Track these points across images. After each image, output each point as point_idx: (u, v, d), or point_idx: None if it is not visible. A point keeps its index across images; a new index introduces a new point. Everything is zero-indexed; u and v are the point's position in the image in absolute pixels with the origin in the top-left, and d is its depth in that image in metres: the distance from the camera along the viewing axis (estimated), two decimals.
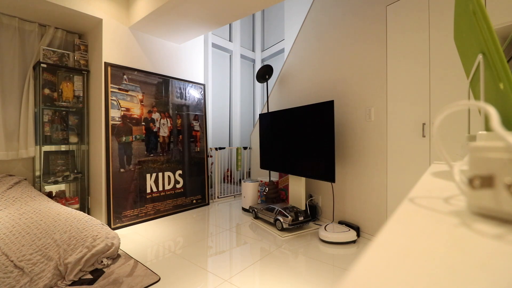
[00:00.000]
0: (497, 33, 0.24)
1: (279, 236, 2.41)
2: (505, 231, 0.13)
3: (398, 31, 2.15)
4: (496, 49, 0.23)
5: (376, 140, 2.33)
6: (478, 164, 0.15)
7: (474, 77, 0.34)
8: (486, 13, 0.24)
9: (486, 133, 0.24)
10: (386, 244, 0.12)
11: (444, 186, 0.21)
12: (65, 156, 2.83)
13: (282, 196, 3.24)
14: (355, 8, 2.52)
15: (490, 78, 0.26)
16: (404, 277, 0.09)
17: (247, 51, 5.58)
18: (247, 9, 2.44)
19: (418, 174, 2.05)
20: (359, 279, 0.09)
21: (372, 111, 2.36)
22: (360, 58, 2.48)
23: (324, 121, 2.39)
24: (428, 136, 1.95)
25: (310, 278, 1.73)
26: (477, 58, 0.28)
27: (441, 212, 0.16)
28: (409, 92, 2.08)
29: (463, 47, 0.41)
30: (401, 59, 2.13)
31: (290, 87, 3.35)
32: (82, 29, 2.86)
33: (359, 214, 2.45)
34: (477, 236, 0.13)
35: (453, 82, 1.80)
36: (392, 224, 0.14)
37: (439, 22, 1.88)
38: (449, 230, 0.14)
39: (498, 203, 0.14)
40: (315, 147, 2.49)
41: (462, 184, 0.17)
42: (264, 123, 3.29)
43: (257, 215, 2.89)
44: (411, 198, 0.19)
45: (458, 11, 0.38)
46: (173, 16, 2.57)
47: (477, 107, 0.19)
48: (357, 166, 2.50)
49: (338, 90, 2.68)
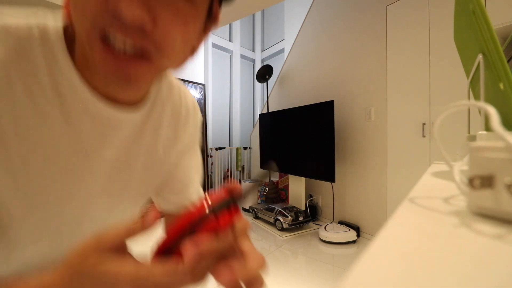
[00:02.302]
0: (497, 33, 0.24)
1: (279, 236, 2.41)
2: (505, 231, 0.13)
3: (398, 31, 2.15)
4: (496, 49, 0.23)
5: (376, 140, 2.33)
6: (478, 164, 0.15)
7: (474, 77, 0.34)
8: (486, 13, 0.24)
9: (486, 133, 0.24)
10: (386, 244, 0.12)
11: (444, 186, 0.21)
12: None
13: (282, 196, 3.24)
14: (355, 8, 2.52)
15: (490, 78, 0.26)
16: (404, 277, 0.09)
17: (247, 51, 5.58)
18: (247, 9, 2.44)
19: (418, 174, 2.05)
20: (359, 279, 0.09)
21: (372, 111, 2.36)
22: (360, 58, 2.48)
23: (324, 121, 2.39)
24: (428, 136, 1.95)
25: (310, 278, 1.73)
26: (477, 58, 0.28)
27: (441, 212, 0.16)
28: (409, 92, 2.08)
29: (463, 47, 0.41)
30: (401, 59, 2.13)
31: (290, 87, 3.35)
32: None
33: (359, 214, 2.45)
34: (477, 236, 0.13)
35: (453, 82, 1.80)
36: (392, 224, 0.14)
37: (439, 23, 1.88)
38: (449, 230, 0.14)
39: (498, 203, 0.14)
40: (315, 147, 2.49)
41: (462, 184, 0.17)
42: (264, 123, 3.29)
43: (257, 215, 2.89)
44: (411, 198, 0.19)
45: (458, 11, 0.38)
46: None
47: (477, 107, 0.19)
48: (357, 166, 2.50)
49: (338, 90, 2.68)
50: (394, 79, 2.18)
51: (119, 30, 0.22)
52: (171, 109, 0.39)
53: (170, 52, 0.25)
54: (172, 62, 0.27)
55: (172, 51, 0.25)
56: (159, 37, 0.24)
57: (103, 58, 0.23)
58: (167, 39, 0.24)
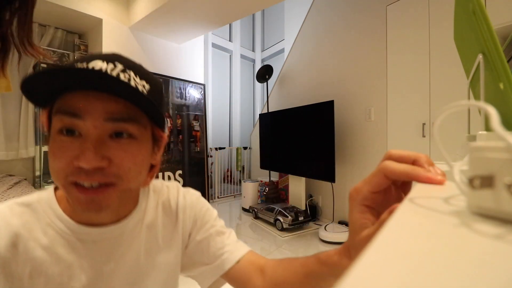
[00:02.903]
0: (497, 33, 0.24)
1: (279, 236, 2.41)
2: (505, 231, 0.13)
3: (398, 31, 2.15)
4: (496, 49, 0.23)
5: (376, 140, 2.33)
6: (478, 164, 0.15)
7: (474, 77, 0.34)
8: (486, 13, 0.24)
9: (486, 133, 0.24)
10: (386, 244, 0.12)
11: (444, 186, 0.21)
12: None
13: (282, 196, 3.24)
14: (355, 8, 2.52)
15: (490, 78, 0.26)
16: (404, 277, 0.09)
17: (247, 51, 5.58)
18: (247, 9, 2.44)
19: None
20: (359, 279, 0.09)
21: (372, 111, 2.36)
22: (360, 58, 2.48)
23: (324, 121, 2.39)
24: (428, 136, 1.95)
25: None
26: (477, 58, 0.28)
27: (441, 212, 0.16)
28: (409, 92, 2.08)
29: (463, 47, 0.41)
30: (401, 59, 2.13)
31: (290, 87, 3.35)
32: (82, 29, 2.86)
33: None
34: (477, 236, 0.13)
35: (453, 82, 1.81)
36: (391, 224, 0.14)
37: (439, 23, 1.88)
38: (449, 230, 0.14)
39: (498, 203, 0.14)
40: (315, 147, 2.49)
41: (462, 184, 0.17)
42: (264, 123, 3.29)
43: (257, 215, 2.89)
44: (411, 198, 0.19)
45: (457, 11, 0.38)
46: (173, 16, 2.57)
47: (477, 107, 0.19)
48: (357, 166, 2.50)
49: (338, 90, 2.68)
50: (394, 79, 2.18)
51: (85, 178, 0.31)
52: (162, 207, 0.47)
53: (128, 177, 0.34)
54: (133, 182, 0.35)
55: (129, 175, 0.34)
56: (115, 170, 0.33)
57: (77, 196, 0.32)
58: (122, 169, 0.33)
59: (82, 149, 0.31)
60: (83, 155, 0.31)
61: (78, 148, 0.31)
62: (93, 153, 0.31)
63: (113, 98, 0.33)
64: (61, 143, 0.32)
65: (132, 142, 0.34)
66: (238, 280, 0.44)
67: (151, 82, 0.37)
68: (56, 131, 0.32)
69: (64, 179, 0.32)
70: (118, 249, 0.40)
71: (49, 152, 0.33)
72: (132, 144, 0.34)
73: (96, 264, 0.38)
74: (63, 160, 0.31)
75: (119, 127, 0.33)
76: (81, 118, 0.32)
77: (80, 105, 0.32)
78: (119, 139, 0.34)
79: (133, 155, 0.34)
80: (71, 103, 0.32)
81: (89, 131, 0.32)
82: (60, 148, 0.32)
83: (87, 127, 0.32)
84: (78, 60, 0.34)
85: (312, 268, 0.35)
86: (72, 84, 0.32)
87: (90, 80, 0.31)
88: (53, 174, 0.33)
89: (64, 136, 0.32)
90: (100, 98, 0.32)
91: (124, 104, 0.33)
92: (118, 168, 0.33)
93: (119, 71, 0.34)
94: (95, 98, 0.32)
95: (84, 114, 0.32)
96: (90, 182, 0.32)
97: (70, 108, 0.32)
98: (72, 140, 0.32)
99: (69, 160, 0.31)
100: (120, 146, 0.33)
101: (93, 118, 0.32)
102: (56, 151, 0.32)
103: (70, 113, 0.32)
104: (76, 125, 0.32)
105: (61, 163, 0.32)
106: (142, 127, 0.35)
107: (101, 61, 0.34)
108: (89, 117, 0.32)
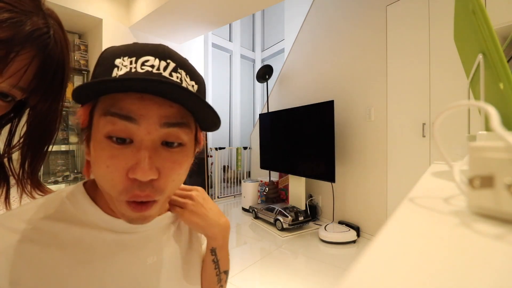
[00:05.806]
0: (497, 33, 0.24)
1: (279, 236, 2.41)
2: (505, 231, 0.13)
3: (398, 31, 2.15)
4: (496, 49, 0.23)
5: (376, 140, 2.33)
6: (478, 164, 0.15)
7: (474, 77, 0.34)
8: (486, 13, 0.24)
9: (486, 133, 0.24)
10: (386, 244, 0.12)
11: (444, 186, 0.21)
12: (65, 156, 2.83)
13: (282, 196, 3.24)
14: (355, 8, 2.52)
15: (490, 78, 0.26)
16: (404, 277, 0.09)
17: (247, 51, 5.58)
18: (247, 9, 2.44)
19: (418, 174, 2.05)
20: (359, 279, 0.09)
21: (372, 111, 2.36)
22: (360, 58, 2.48)
23: (324, 121, 2.39)
24: (428, 136, 1.95)
25: (310, 278, 1.73)
26: (477, 58, 0.28)
27: (441, 212, 0.16)
28: (409, 92, 2.08)
29: (463, 47, 0.41)
30: (401, 59, 2.13)
31: (290, 87, 3.35)
32: (82, 29, 2.86)
33: (359, 214, 2.45)
34: (477, 236, 0.13)
35: (453, 82, 1.81)
36: (392, 224, 0.14)
37: (439, 23, 1.88)
38: (449, 230, 0.14)
39: (498, 203, 0.14)
40: (315, 147, 2.49)
41: (462, 184, 0.17)
42: (264, 123, 3.29)
43: (257, 215, 2.89)
44: (411, 198, 0.19)
45: (458, 11, 0.38)
46: (173, 16, 2.57)
47: (477, 107, 0.19)
48: (357, 166, 2.50)
49: (338, 90, 2.68)
50: (394, 79, 2.18)
51: (139, 194, 0.30)
52: None
53: (171, 189, 0.33)
54: (173, 192, 0.35)
55: (172, 187, 0.33)
56: (162, 183, 0.31)
57: (129, 214, 0.31)
58: (168, 181, 0.32)
59: (138, 159, 0.29)
60: (139, 166, 0.28)
61: (132, 157, 0.29)
62: (149, 164, 0.29)
63: (168, 102, 0.30)
64: (112, 150, 0.29)
65: (182, 151, 0.33)
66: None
67: (199, 82, 0.35)
68: (104, 135, 0.29)
69: (117, 196, 0.30)
70: (159, 243, 0.40)
71: (96, 157, 0.30)
72: (182, 152, 0.33)
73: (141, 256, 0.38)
74: (117, 172, 0.29)
75: (173, 133, 0.31)
76: (137, 123, 0.29)
77: (136, 109, 0.29)
78: (169, 148, 0.32)
79: (181, 165, 0.33)
80: (125, 105, 0.29)
81: (143, 138, 0.29)
82: (111, 157, 0.29)
83: (142, 134, 0.29)
84: (123, 52, 0.31)
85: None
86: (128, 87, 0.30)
87: (150, 84, 0.29)
88: (102, 182, 0.31)
89: (114, 144, 0.29)
90: (157, 101, 0.30)
91: (178, 108, 0.31)
92: (165, 181, 0.31)
93: (171, 70, 0.31)
94: (152, 101, 0.29)
95: (140, 118, 0.29)
96: (142, 199, 0.30)
97: (124, 111, 0.29)
98: (123, 148, 0.29)
99: (123, 171, 0.29)
100: (171, 155, 0.31)
101: (148, 123, 0.29)
102: (107, 160, 0.29)
103: (124, 116, 0.29)
104: (130, 129, 0.29)
105: (114, 175, 0.29)
106: (190, 131, 0.33)
107: (153, 57, 0.31)
108: (145, 122, 0.29)
